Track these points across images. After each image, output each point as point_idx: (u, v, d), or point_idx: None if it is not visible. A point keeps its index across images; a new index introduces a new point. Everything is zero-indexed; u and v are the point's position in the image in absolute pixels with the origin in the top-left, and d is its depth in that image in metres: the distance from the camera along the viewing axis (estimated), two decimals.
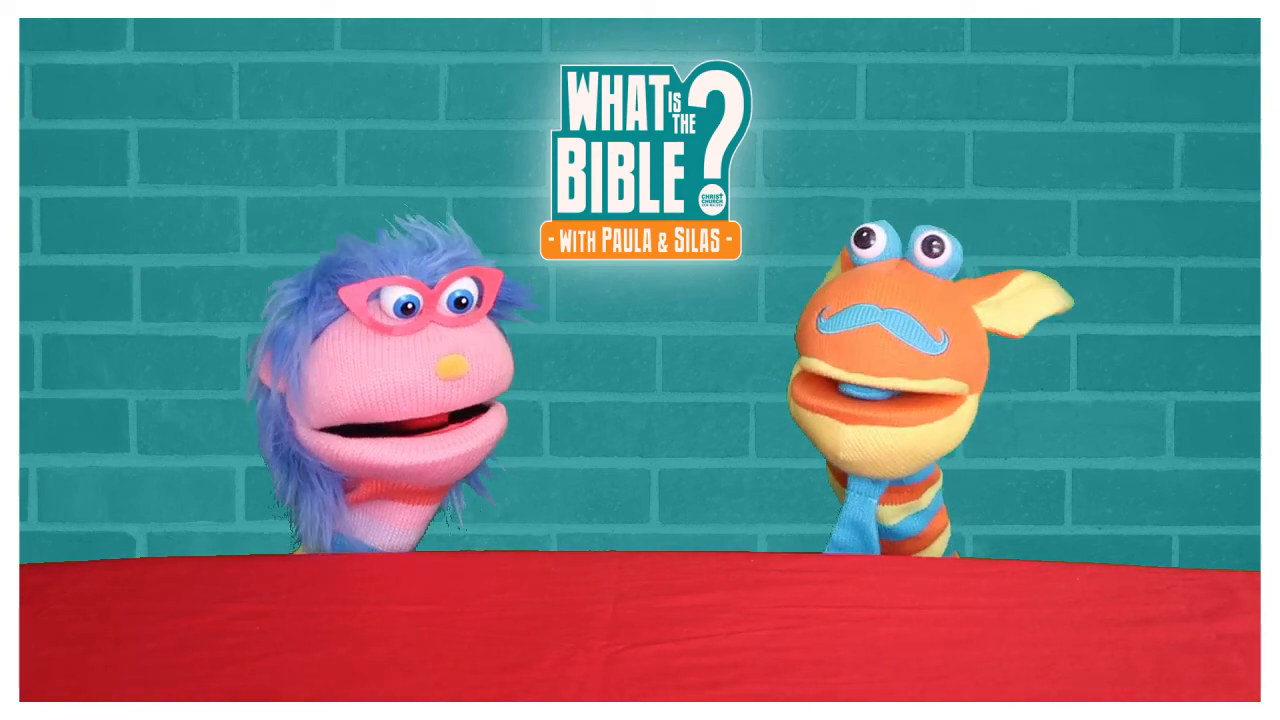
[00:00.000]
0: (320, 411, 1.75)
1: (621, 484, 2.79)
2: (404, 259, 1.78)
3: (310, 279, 1.78)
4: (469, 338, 1.78)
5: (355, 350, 1.75)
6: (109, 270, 2.75)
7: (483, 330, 1.81)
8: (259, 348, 1.79)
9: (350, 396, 1.74)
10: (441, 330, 1.77)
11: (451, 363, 1.75)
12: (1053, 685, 1.38)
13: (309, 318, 1.76)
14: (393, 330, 1.75)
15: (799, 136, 2.75)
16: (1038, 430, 2.79)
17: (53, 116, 2.74)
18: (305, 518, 1.80)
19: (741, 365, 2.78)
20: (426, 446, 1.76)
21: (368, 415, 1.75)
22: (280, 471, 1.81)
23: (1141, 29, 2.74)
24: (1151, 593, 1.61)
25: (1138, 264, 2.77)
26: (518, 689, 1.37)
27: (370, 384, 1.74)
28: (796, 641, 1.48)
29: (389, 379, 1.74)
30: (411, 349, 1.75)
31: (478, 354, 1.78)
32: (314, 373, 1.75)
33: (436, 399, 1.76)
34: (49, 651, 1.45)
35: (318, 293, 1.77)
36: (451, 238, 1.82)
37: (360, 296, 1.75)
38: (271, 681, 1.38)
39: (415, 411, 1.76)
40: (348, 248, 1.80)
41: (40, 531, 2.77)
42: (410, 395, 1.74)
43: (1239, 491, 2.78)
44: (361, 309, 1.75)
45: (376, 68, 2.74)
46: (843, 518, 1.85)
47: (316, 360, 1.75)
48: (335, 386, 1.74)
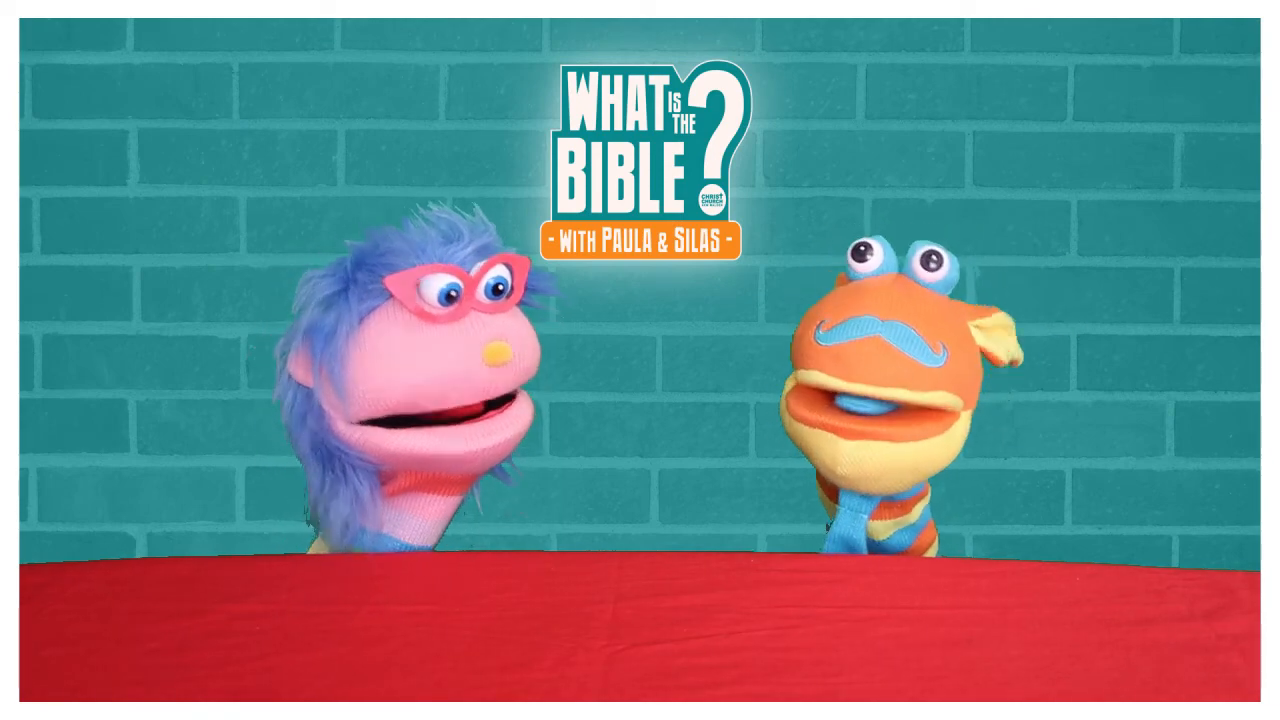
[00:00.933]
0: (364, 404, 1.74)
1: (621, 484, 2.79)
2: (431, 248, 1.78)
3: (348, 268, 1.77)
4: (508, 324, 1.79)
5: (401, 340, 1.74)
6: (109, 270, 2.75)
7: (516, 317, 1.82)
8: (292, 343, 1.77)
9: (400, 387, 1.73)
10: (483, 317, 1.77)
11: (497, 349, 1.76)
12: (1053, 685, 1.38)
13: (352, 307, 1.74)
14: (438, 318, 1.74)
15: (799, 136, 2.75)
16: (1038, 430, 2.79)
17: (53, 116, 2.74)
18: (336, 514, 1.79)
19: (741, 365, 2.78)
20: (474, 434, 1.77)
21: (416, 405, 1.75)
22: (315, 470, 1.79)
23: (1141, 29, 2.74)
24: (1151, 593, 1.61)
25: (1138, 264, 2.77)
26: (518, 689, 1.37)
27: (420, 374, 1.73)
28: (796, 641, 1.48)
29: (439, 368, 1.74)
30: (458, 337, 1.75)
31: (518, 340, 1.79)
32: (356, 365, 1.73)
33: (485, 386, 1.77)
34: (49, 651, 1.45)
35: (360, 282, 1.75)
36: (477, 225, 1.82)
37: (408, 284, 1.74)
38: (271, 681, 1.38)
39: (463, 399, 1.76)
40: (381, 237, 1.79)
41: (40, 531, 2.77)
42: (460, 383, 1.75)
43: (1239, 491, 2.78)
44: (409, 296, 1.74)
45: (376, 68, 2.74)
46: (833, 534, 1.84)
47: (358, 352, 1.74)
48: (383, 379, 1.73)
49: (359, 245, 1.79)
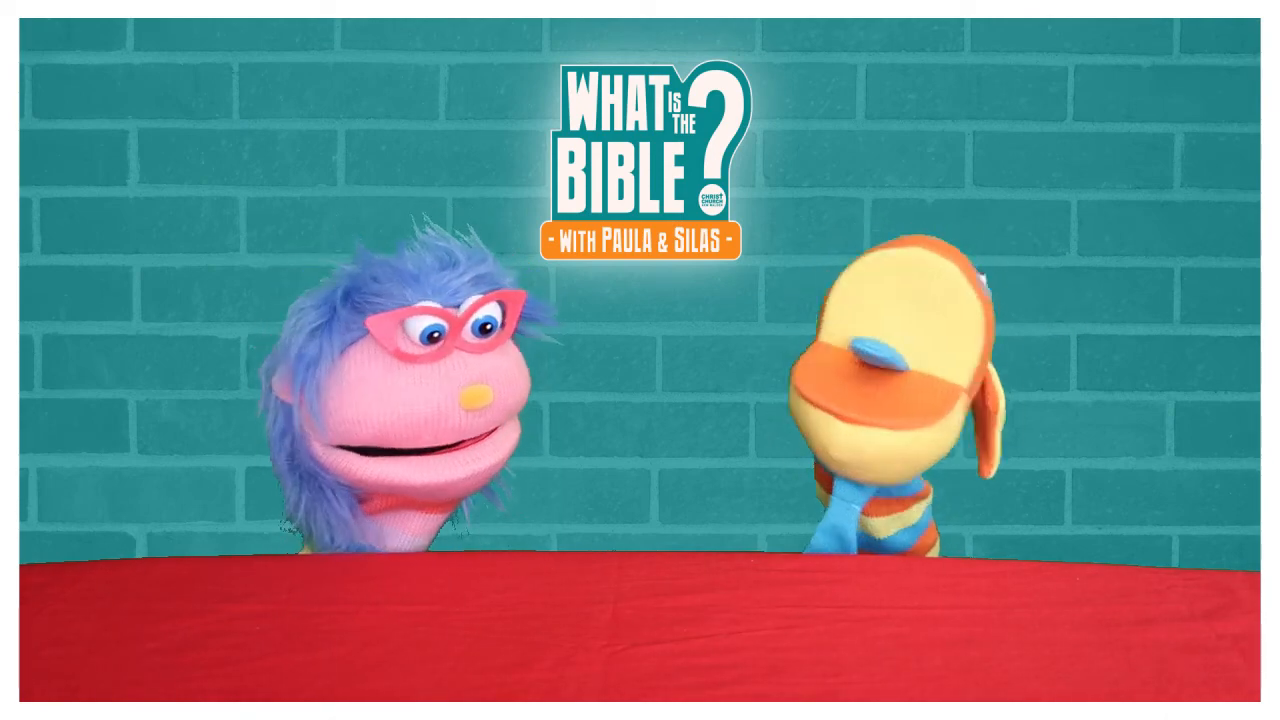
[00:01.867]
0: (337, 433, 1.73)
1: (621, 484, 2.79)
2: (426, 277, 1.74)
3: (334, 300, 1.73)
4: (492, 364, 1.75)
5: (379, 376, 1.71)
6: (109, 270, 2.75)
7: (504, 354, 1.78)
8: (277, 363, 1.75)
9: (372, 423, 1.71)
10: (466, 358, 1.73)
11: (475, 393, 1.72)
12: (1053, 685, 1.38)
13: (334, 341, 1.71)
14: (418, 359, 1.71)
15: (799, 136, 2.75)
16: (1038, 430, 2.79)
17: (53, 116, 2.74)
18: (317, 530, 1.78)
19: (741, 365, 2.78)
20: (445, 465, 1.74)
21: (388, 441, 1.72)
22: (293, 486, 1.78)
23: (1141, 29, 2.74)
24: (1151, 593, 1.61)
25: (1138, 264, 2.77)
26: (518, 689, 1.37)
27: (393, 412, 1.71)
28: (796, 641, 1.47)
29: (412, 408, 1.71)
30: (436, 378, 1.72)
31: (501, 381, 1.75)
32: (335, 394, 1.72)
33: (459, 427, 1.73)
34: (49, 651, 1.45)
35: (341, 317, 1.72)
36: (474, 253, 1.78)
37: (388, 326, 1.71)
38: (271, 681, 1.38)
39: (437, 440, 1.73)
40: (369, 264, 1.75)
41: (40, 531, 2.77)
42: (433, 424, 1.72)
43: (1239, 491, 2.78)
44: (389, 338, 1.71)
45: (376, 68, 2.74)
46: (824, 524, 1.83)
47: (338, 382, 1.72)
48: (357, 412, 1.71)
49: (349, 272, 1.75)
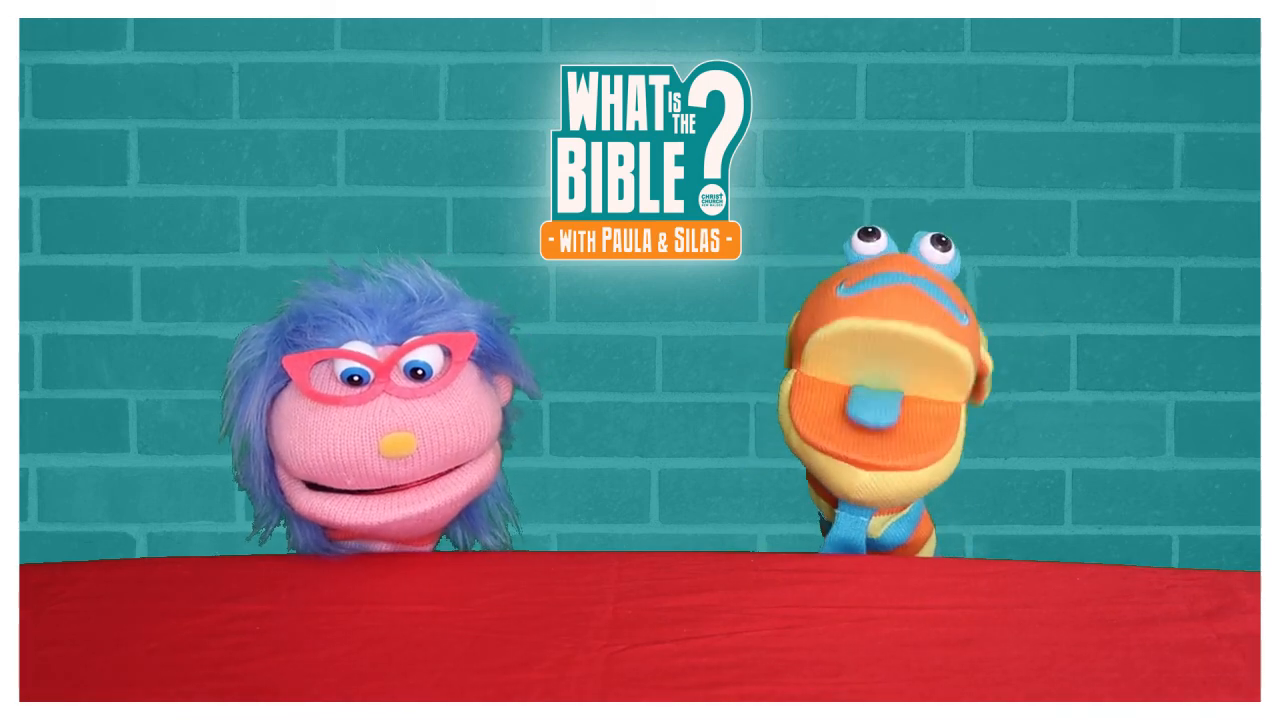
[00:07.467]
0: (282, 463, 1.71)
1: (621, 484, 2.79)
2: (381, 310, 1.71)
3: (271, 335, 1.72)
4: (423, 411, 1.67)
5: (303, 415, 1.67)
6: (109, 270, 2.75)
7: (444, 400, 1.69)
8: (233, 387, 1.73)
9: (296, 459, 1.68)
10: (393, 403, 1.66)
11: (395, 441, 1.65)
12: (1053, 685, 1.38)
13: (263, 380, 1.69)
14: (340, 401, 1.66)
15: (799, 136, 2.75)
16: (1038, 430, 2.79)
17: (53, 116, 2.74)
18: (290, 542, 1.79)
19: (741, 365, 2.78)
20: (376, 507, 1.68)
21: (317, 479, 1.69)
22: (264, 501, 1.76)
23: (1141, 29, 2.74)
24: (1151, 593, 1.61)
25: (1138, 264, 2.77)
26: (518, 689, 1.37)
27: (314, 451, 1.66)
28: (796, 641, 1.48)
29: (331, 450, 1.65)
30: (356, 422, 1.65)
31: (431, 429, 1.67)
32: (275, 425, 1.70)
33: (381, 474, 1.67)
34: (49, 651, 1.45)
35: (273, 354, 1.70)
36: (430, 290, 1.73)
37: (303, 366, 1.67)
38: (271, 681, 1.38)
39: (360, 483, 1.67)
40: (317, 299, 1.72)
41: (40, 531, 2.77)
42: (354, 469, 1.66)
43: (1239, 491, 2.78)
44: (304, 380, 1.67)
45: (376, 68, 2.74)
46: (833, 537, 1.81)
47: (274, 414, 1.70)
48: (284, 447, 1.68)
49: (293, 305, 1.73)
